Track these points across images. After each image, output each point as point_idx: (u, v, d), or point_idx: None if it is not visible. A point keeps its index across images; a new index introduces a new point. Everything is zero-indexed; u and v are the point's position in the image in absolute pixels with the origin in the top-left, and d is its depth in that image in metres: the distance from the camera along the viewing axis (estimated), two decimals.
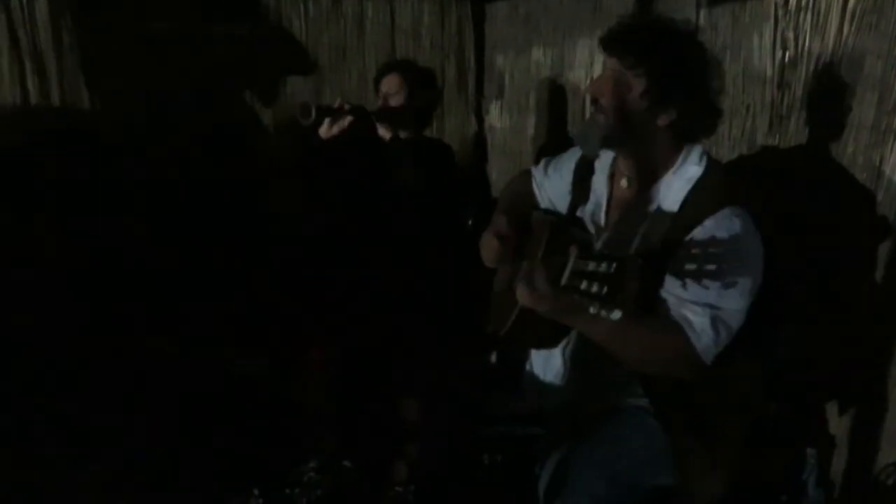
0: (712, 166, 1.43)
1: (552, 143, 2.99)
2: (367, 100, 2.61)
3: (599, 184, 1.59)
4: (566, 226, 1.60)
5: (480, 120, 3.56)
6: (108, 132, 2.84)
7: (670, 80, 1.36)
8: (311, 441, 2.32)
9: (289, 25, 3.07)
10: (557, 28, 2.87)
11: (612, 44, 1.42)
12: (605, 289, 1.04)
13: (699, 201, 1.37)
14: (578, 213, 1.64)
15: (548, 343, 1.53)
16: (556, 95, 2.97)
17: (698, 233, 1.32)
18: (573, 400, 1.58)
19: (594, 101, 1.45)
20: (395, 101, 2.43)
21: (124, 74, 2.83)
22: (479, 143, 3.60)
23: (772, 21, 1.97)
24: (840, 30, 1.79)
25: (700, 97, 1.40)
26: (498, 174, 3.51)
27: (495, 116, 3.49)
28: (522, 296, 1.23)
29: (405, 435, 2.04)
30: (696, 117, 1.42)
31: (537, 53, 3.07)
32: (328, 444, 2.31)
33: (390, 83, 2.45)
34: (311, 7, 3.07)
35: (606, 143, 1.46)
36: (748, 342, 1.37)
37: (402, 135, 2.44)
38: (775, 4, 1.95)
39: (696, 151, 1.43)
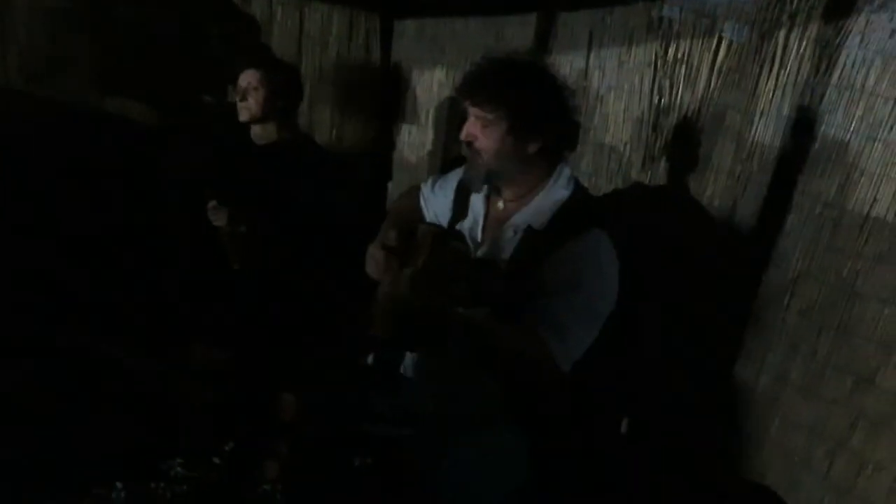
0: (578, 190, 1.55)
1: (447, 161, 3.10)
2: None
3: (477, 203, 1.69)
4: (447, 237, 1.69)
5: (383, 133, 3.61)
6: None
7: (530, 114, 1.47)
8: (181, 435, 2.28)
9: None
10: (461, 51, 3.00)
11: (470, 91, 1.52)
12: (477, 291, 1.14)
13: (564, 222, 1.48)
14: (459, 228, 1.73)
15: (425, 345, 1.60)
16: (454, 116, 3.08)
17: (562, 250, 1.43)
18: (440, 404, 1.66)
19: (468, 146, 1.54)
20: (253, 97, 2.38)
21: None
22: (382, 155, 3.64)
23: (651, 69, 2.15)
24: (708, 83, 2.00)
25: (560, 119, 1.53)
26: (398, 187, 3.57)
27: (398, 131, 3.56)
28: (404, 298, 1.31)
29: (278, 432, 2.05)
30: (561, 137, 1.54)
31: (440, 74, 3.17)
32: (198, 438, 2.27)
33: (249, 78, 2.40)
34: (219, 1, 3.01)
35: (489, 180, 1.57)
36: (604, 351, 1.50)
37: (265, 132, 2.46)
38: (655, 54, 2.14)
39: (564, 176, 1.56)
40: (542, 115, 1.49)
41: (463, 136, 1.55)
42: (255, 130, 2.49)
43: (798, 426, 1.79)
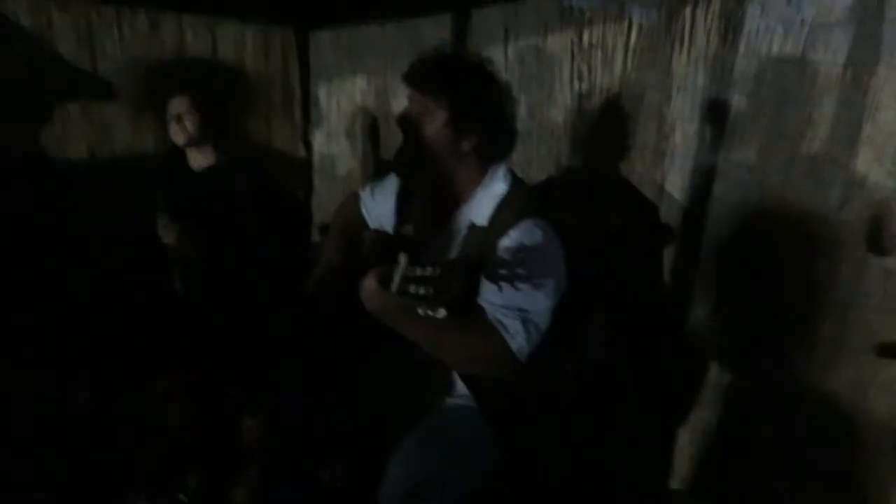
0: (516, 183, 1.58)
1: (377, 168, 3.10)
2: None
3: (419, 204, 1.71)
4: (394, 241, 1.70)
5: (307, 146, 3.59)
6: None
7: (470, 109, 1.50)
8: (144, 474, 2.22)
9: (101, 49, 2.90)
10: (379, 57, 3.01)
11: (414, 78, 1.54)
12: (432, 290, 1.15)
13: (505, 215, 1.50)
14: (404, 231, 1.74)
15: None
16: (378, 122, 3.09)
17: (504, 243, 1.45)
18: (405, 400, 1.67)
19: (403, 132, 1.56)
20: (189, 121, 2.40)
21: None
22: (306, 169, 3.62)
23: (569, 56, 2.20)
24: (624, 65, 2.06)
25: (497, 121, 1.56)
26: (326, 198, 3.55)
27: (322, 142, 3.54)
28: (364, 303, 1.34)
29: (245, 457, 2.02)
30: (496, 139, 1.58)
31: (361, 81, 3.17)
32: (160, 476, 2.22)
33: (180, 105, 2.41)
34: (125, 30, 2.92)
35: (419, 169, 1.59)
36: (558, 340, 1.53)
37: (202, 155, 2.45)
38: (571, 42, 2.19)
39: (501, 170, 1.58)
40: (481, 111, 1.51)
41: (399, 120, 1.56)
42: (192, 155, 2.46)
43: None
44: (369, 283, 1.33)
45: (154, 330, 2.42)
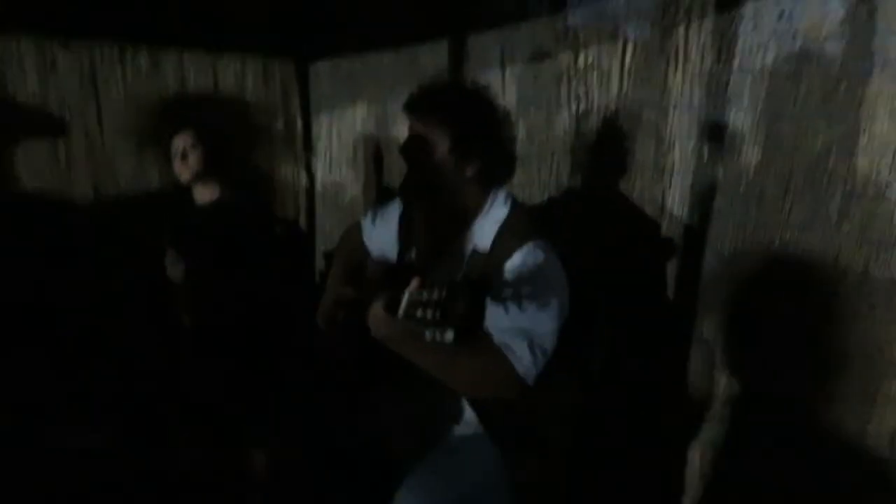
0: (516, 207, 1.59)
1: (379, 195, 3.12)
2: None
3: (422, 230, 1.72)
4: (398, 268, 1.72)
5: (310, 175, 3.62)
6: None
7: (470, 136, 1.52)
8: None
9: (105, 87, 2.95)
10: (379, 85, 3.04)
11: (414, 108, 1.56)
12: (438, 313, 1.15)
13: (506, 239, 1.52)
14: (407, 258, 1.75)
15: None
16: (378, 150, 3.11)
17: (508, 267, 1.47)
18: (415, 430, 1.66)
19: (406, 160, 1.58)
20: (193, 157, 2.41)
21: None
22: (309, 198, 3.65)
23: (566, 78, 2.22)
24: (620, 85, 2.08)
25: (497, 146, 1.59)
26: (329, 227, 3.57)
27: (324, 171, 3.57)
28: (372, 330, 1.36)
29: (253, 490, 2.02)
30: (498, 165, 1.60)
31: (361, 109, 3.20)
32: None
33: (184, 139, 2.42)
34: (128, 69, 2.97)
35: (423, 196, 1.60)
36: (565, 361, 1.53)
37: (207, 190, 2.46)
38: (567, 65, 2.21)
39: (501, 194, 1.60)
40: (481, 138, 1.53)
41: (402, 149, 1.58)
42: (197, 190, 2.48)
43: None
44: (376, 310, 1.34)
45: (162, 367, 2.43)
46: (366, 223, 1.93)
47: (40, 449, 2.31)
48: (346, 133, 3.36)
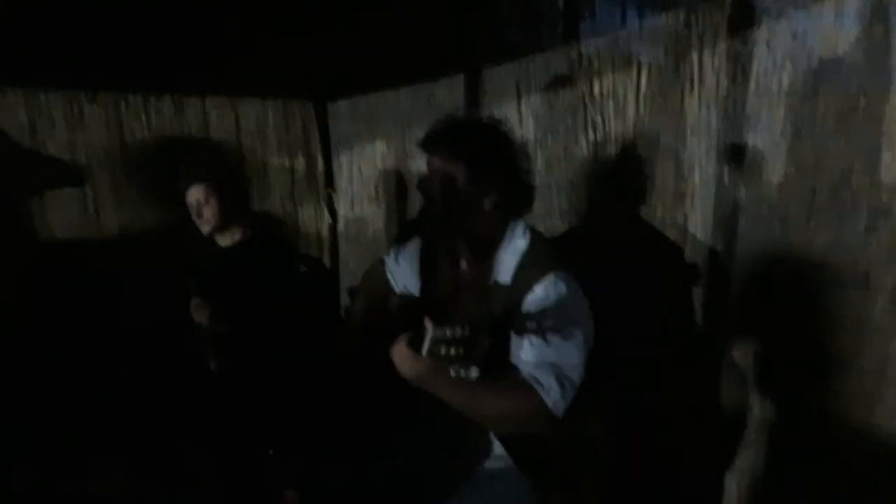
0: (536, 238, 1.58)
1: (401, 230, 3.14)
2: None
3: (443, 265, 1.72)
4: (420, 304, 1.72)
5: (332, 213, 3.66)
6: None
7: (487, 170, 1.53)
8: None
9: (130, 135, 3.03)
10: (397, 122, 3.08)
11: (432, 144, 1.58)
12: (462, 350, 1.16)
13: (528, 271, 1.51)
14: (429, 293, 1.76)
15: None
16: (400, 185, 3.14)
17: (530, 299, 1.46)
18: (444, 465, 1.65)
19: (425, 196, 1.60)
20: (208, 211, 2.38)
21: None
22: (332, 235, 3.69)
23: (582, 108, 2.24)
24: (637, 112, 2.09)
25: (515, 178, 1.59)
26: (353, 263, 3.60)
27: (346, 208, 3.61)
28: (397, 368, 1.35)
29: None
30: (516, 196, 1.60)
31: (381, 146, 3.25)
32: None
33: (197, 194, 2.38)
34: (153, 116, 3.05)
35: (444, 231, 1.61)
36: (594, 393, 1.52)
37: (229, 235, 2.46)
38: (583, 94, 2.23)
39: (520, 227, 1.60)
40: (497, 169, 1.54)
41: (419, 186, 1.59)
42: (219, 236, 2.49)
43: None
44: (400, 349, 1.34)
45: (190, 410, 2.44)
46: (389, 260, 1.94)
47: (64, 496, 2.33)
48: (366, 170, 3.40)
